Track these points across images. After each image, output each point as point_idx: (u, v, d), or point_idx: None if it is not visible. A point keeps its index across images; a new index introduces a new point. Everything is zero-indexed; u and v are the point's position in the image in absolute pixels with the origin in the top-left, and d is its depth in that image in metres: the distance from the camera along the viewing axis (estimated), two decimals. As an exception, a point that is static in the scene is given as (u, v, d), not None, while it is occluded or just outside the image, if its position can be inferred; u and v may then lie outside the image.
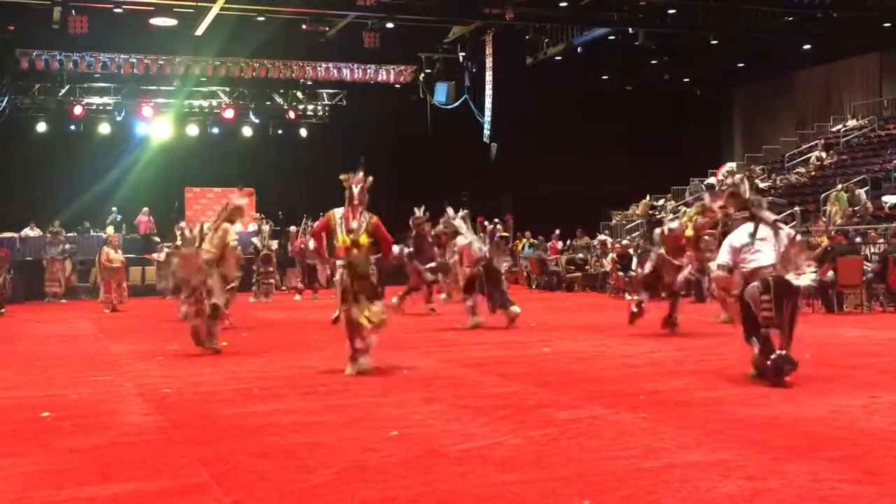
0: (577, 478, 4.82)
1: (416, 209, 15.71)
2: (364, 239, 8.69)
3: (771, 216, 8.16)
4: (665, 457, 5.21)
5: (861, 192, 21.74)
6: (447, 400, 7.18)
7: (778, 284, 7.60)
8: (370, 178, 8.78)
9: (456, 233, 13.58)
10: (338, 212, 8.84)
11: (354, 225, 8.71)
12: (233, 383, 8.32)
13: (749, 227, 8.01)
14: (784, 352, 7.60)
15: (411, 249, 15.47)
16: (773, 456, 5.16)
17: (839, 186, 22.51)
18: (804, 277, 7.67)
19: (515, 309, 13.20)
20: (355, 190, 8.69)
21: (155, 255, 21.24)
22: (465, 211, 14.09)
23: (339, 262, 8.73)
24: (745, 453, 5.23)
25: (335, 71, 27.60)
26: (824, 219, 20.48)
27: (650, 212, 24.21)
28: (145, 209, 26.46)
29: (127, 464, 5.29)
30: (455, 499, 4.52)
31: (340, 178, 8.81)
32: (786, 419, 6.18)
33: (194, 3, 21.57)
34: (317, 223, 9.42)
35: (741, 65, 30.76)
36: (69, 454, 5.58)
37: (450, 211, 13.81)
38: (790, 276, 7.61)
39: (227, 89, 29.42)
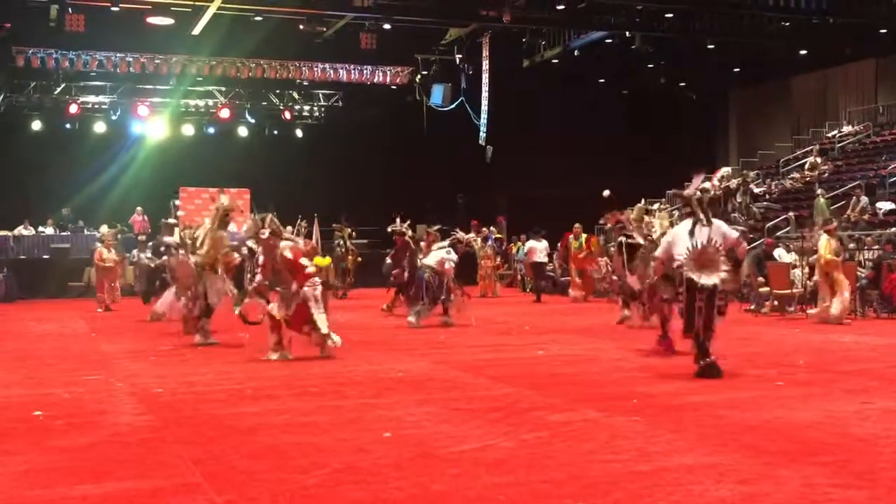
0: (569, 480, 4.82)
1: (395, 220, 16.13)
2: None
3: (706, 213, 8.76)
4: (658, 460, 5.22)
5: (864, 199, 21.79)
6: (440, 402, 7.17)
7: (688, 281, 8.33)
8: None
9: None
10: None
11: None
12: (225, 383, 8.31)
13: (688, 224, 8.68)
14: (711, 360, 8.30)
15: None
16: (766, 460, 5.16)
17: (818, 192, 22.67)
18: (711, 278, 8.24)
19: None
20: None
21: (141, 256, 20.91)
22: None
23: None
24: (738, 457, 5.23)
25: (331, 72, 27.54)
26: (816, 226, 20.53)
27: (644, 216, 24.20)
28: (139, 208, 26.39)
29: (119, 463, 5.28)
30: (447, 500, 4.52)
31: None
32: (779, 424, 6.18)
33: (191, 3, 21.50)
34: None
35: (737, 70, 30.78)
36: (61, 453, 5.57)
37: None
38: (695, 276, 8.25)
39: (223, 89, 29.35)
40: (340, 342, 10.01)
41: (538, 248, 21.61)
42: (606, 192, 12.94)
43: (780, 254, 16.97)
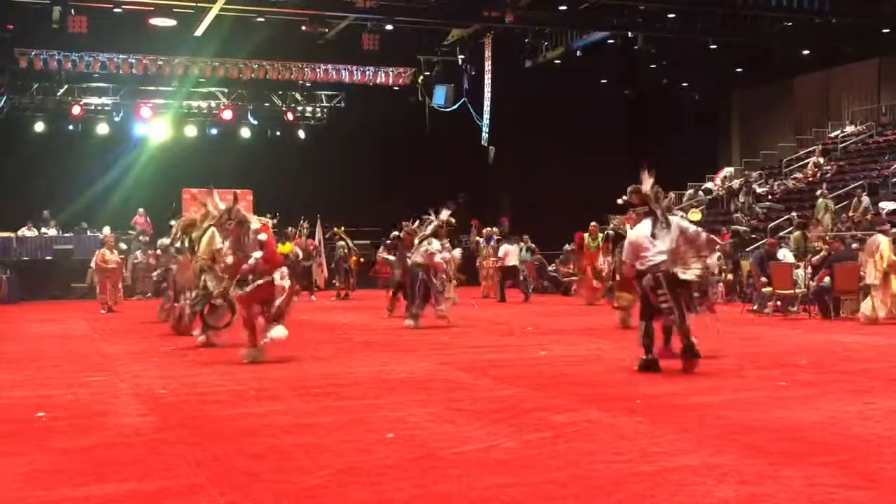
0: (572, 481, 4.82)
1: (404, 223, 15.90)
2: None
3: (664, 211, 8.92)
4: (661, 461, 5.21)
5: (865, 199, 21.81)
6: (443, 403, 7.17)
7: (667, 278, 8.48)
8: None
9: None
10: None
11: None
12: (228, 384, 8.31)
13: (647, 224, 8.77)
14: (650, 356, 8.66)
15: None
16: (769, 461, 5.16)
17: (818, 192, 22.64)
18: (690, 272, 8.55)
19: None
20: None
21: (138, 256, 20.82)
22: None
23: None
24: (740, 458, 5.23)
25: (334, 72, 27.59)
26: (821, 226, 20.55)
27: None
28: (141, 210, 26.40)
29: (122, 464, 5.28)
30: (450, 501, 4.52)
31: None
32: (782, 424, 6.18)
33: (194, 4, 21.56)
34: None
35: (740, 70, 30.79)
36: (64, 454, 5.57)
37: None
38: (677, 271, 8.49)
39: (226, 90, 29.39)
40: (283, 336, 9.78)
41: (513, 252, 21.66)
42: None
43: (785, 254, 16.96)
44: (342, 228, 22.92)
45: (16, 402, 7.50)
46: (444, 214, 14.86)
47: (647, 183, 9.10)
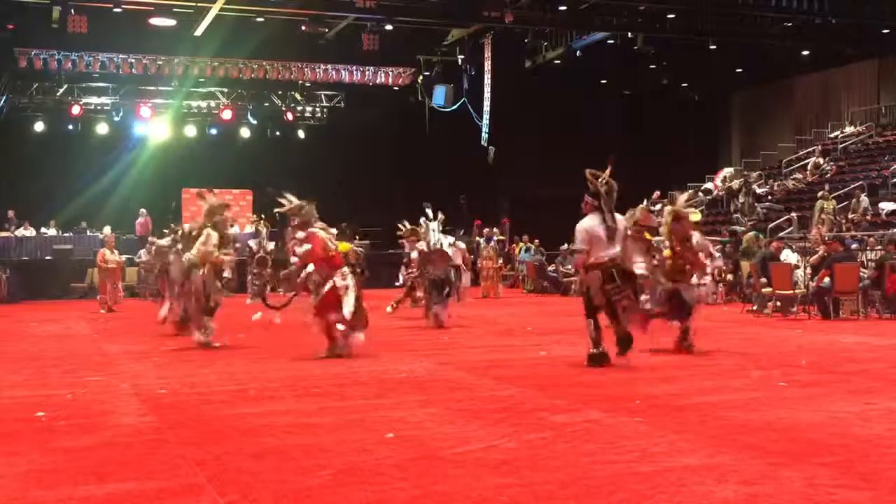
0: (572, 481, 4.82)
1: (399, 225, 15.95)
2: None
3: (612, 210, 9.26)
4: (661, 461, 5.21)
5: (864, 199, 21.81)
6: (443, 403, 7.17)
7: (620, 273, 8.91)
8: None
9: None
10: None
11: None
12: (228, 384, 8.31)
13: (597, 219, 9.10)
14: (599, 350, 9.13)
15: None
16: (769, 461, 5.16)
17: (819, 194, 22.68)
18: (638, 267, 9.17)
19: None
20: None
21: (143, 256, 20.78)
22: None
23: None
24: (740, 458, 5.23)
25: (334, 72, 27.60)
26: (822, 227, 20.55)
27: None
28: (143, 210, 26.41)
29: (122, 464, 5.29)
30: (450, 501, 4.52)
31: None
32: (782, 424, 6.18)
33: (194, 4, 21.56)
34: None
35: (739, 70, 30.80)
36: (64, 454, 5.57)
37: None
38: (631, 266, 9.02)
39: (226, 90, 29.40)
40: (362, 338, 10.18)
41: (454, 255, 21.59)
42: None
43: (788, 255, 16.97)
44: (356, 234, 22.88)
45: (16, 402, 7.50)
46: (439, 214, 14.93)
47: (605, 174, 9.38)
